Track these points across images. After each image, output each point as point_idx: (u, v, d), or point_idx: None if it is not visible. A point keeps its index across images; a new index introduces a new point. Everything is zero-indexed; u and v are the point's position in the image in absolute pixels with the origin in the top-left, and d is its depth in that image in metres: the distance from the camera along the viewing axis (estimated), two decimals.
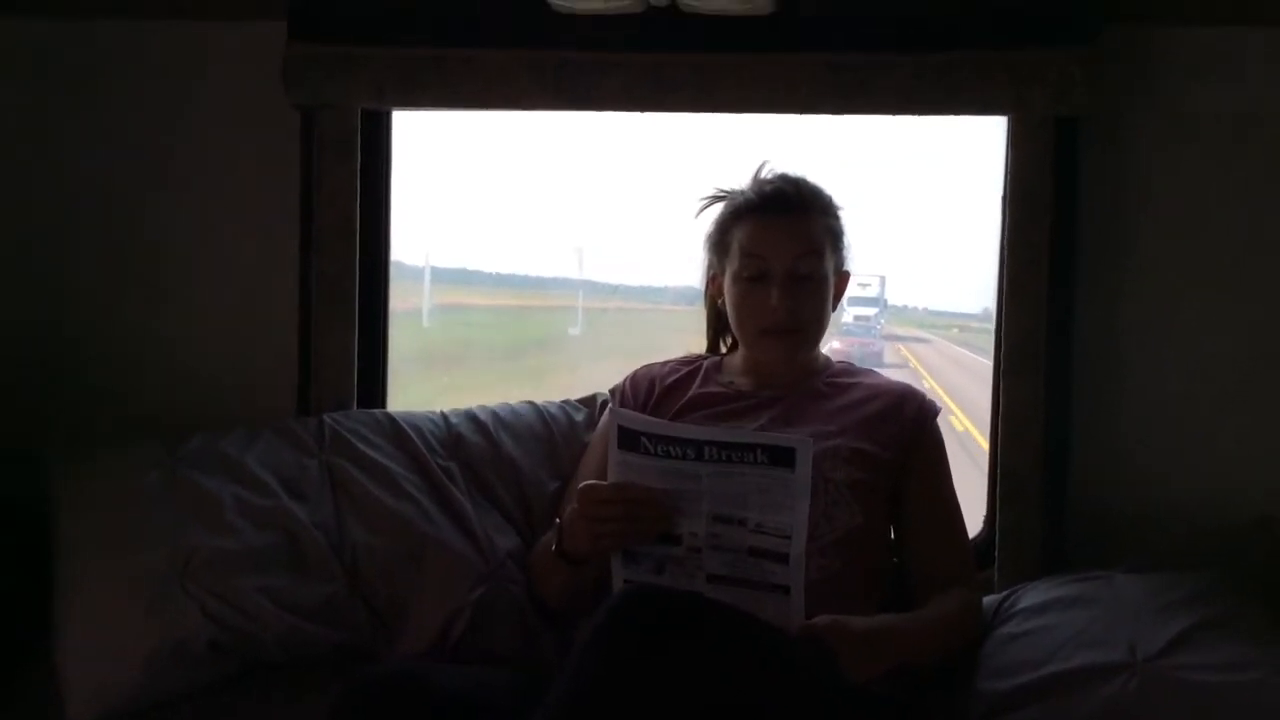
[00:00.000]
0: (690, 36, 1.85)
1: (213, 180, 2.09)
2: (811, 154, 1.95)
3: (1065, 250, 1.88)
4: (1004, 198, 1.92)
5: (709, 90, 1.88)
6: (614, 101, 1.92)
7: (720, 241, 1.80)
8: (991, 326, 2.02)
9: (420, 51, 1.91)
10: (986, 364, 2.05)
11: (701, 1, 1.66)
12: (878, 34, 1.85)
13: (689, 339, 2.00)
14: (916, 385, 1.84)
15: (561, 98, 1.91)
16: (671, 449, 1.45)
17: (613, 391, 1.90)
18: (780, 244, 1.72)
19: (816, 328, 1.78)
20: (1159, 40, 1.90)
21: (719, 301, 1.85)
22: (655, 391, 1.84)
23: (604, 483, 1.52)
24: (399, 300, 2.19)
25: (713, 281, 1.86)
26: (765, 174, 1.81)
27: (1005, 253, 1.91)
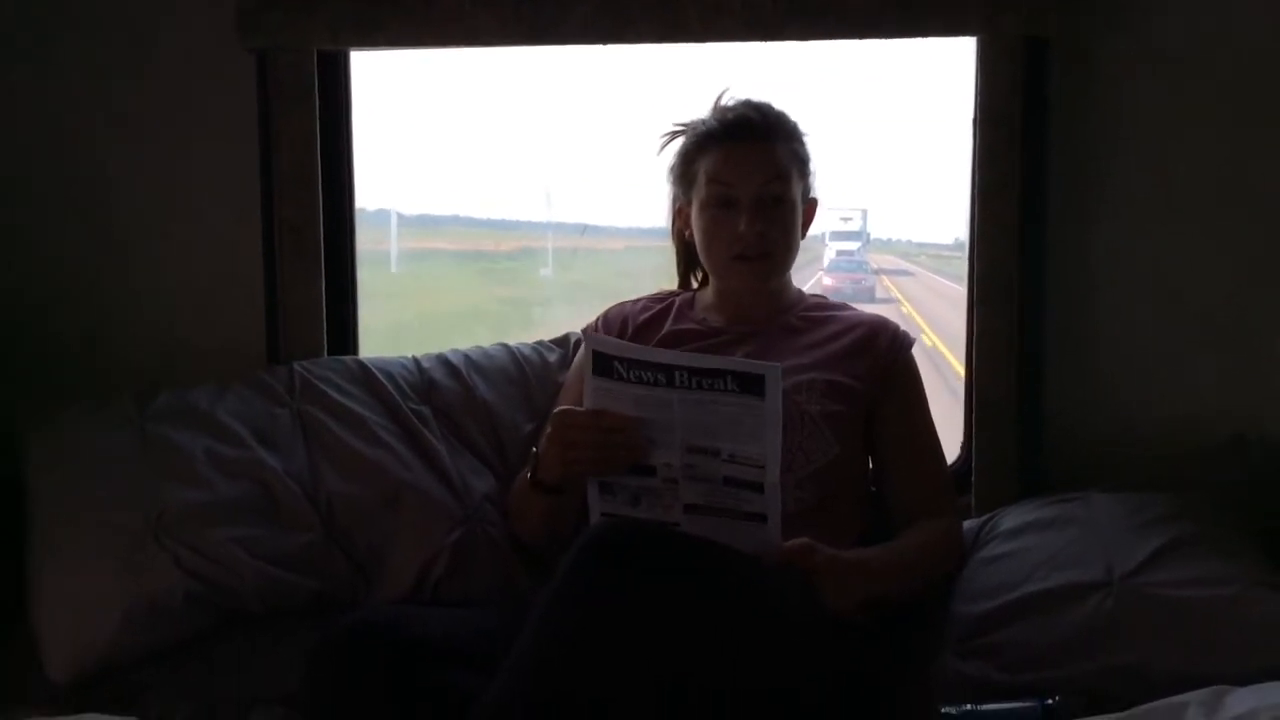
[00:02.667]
0: None
1: (170, 130, 2.05)
2: (791, 91, 1.92)
3: (1036, 175, 1.87)
4: (974, 121, 1.90)
5: (671, 19, 1.85)
6: (576, 35, 1.88)
7: (685, 172, 1.78)
8: (959, 255, 2.01)
9: None
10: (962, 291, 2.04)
11: None
12: None
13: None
14: (895, 317, 1.83)
15: (522, 32, 1.87)
16: (644, 374, 1.45)
17: (585, 331, 1.89)
18: (746, 170, 1.70)
19: (785, 253, 1.77)
20: None
21: (686, 234, 1.83)
22: (629, 330, 1.83)
23: (579, 409, 1.52)
24: (366, 245, 2.16)
25: (679, 214, 1.83)
26: (726, 101, 1.78)
27: (976, 177, 1.90)
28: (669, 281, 1.94)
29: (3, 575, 1.68)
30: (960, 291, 2.09)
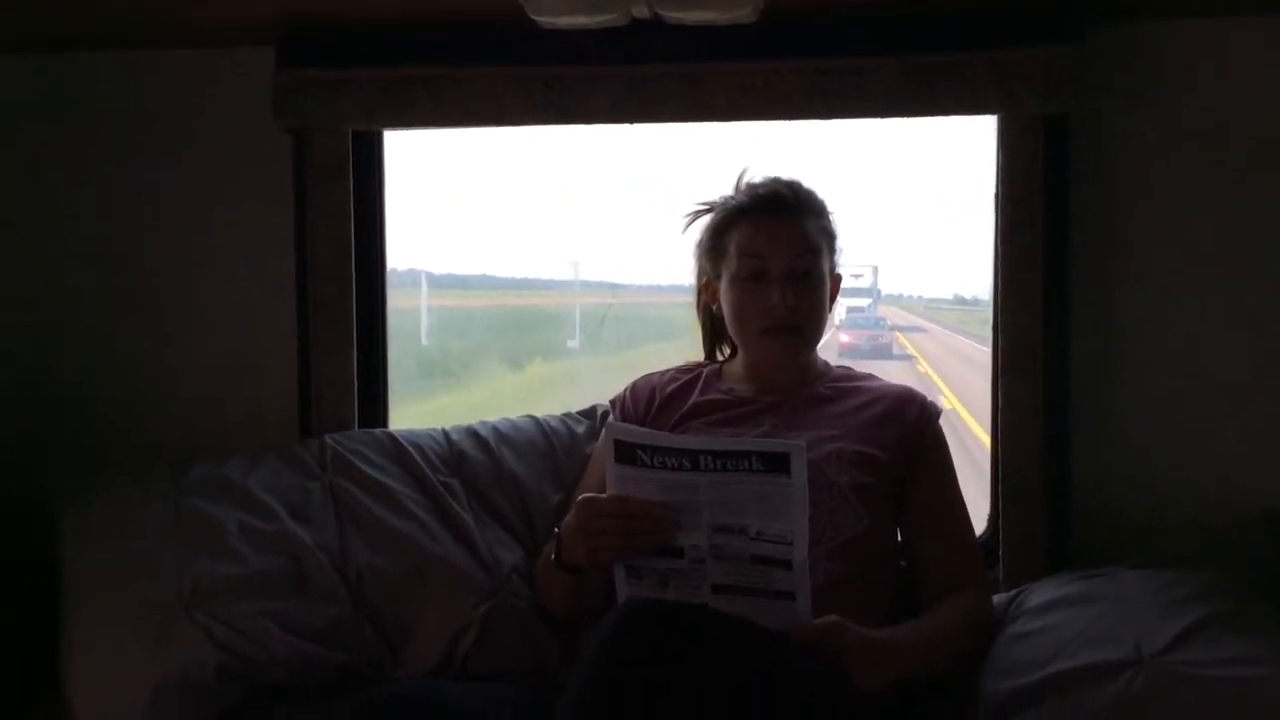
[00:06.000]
0: (677, 47, 1.84)
1: (207, 206, 2.10)
2: (804, 151, 1.94)
3: (1058, 249, 1.88)
4: (996, 197, 1.92)
5: (697, 100, 1.88)
6: (603, 115, 1.92)
7: (715, 246, 1.80)
8: (961, 309, 2.02)
9: (408, 72, 1.91)
10: (976, 346, 2.05)
11: (685, 13, 1.66)
12: (864, 38, 1.85)
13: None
14: (920, 386, 1.83)
15: (550, 113, 1.91)
16: (668, 460, 1.45)
17: (613, 402, 1.90)
18: (778, 244, 1.73)
19: (815, 327, 1.79)
20: (1144, 36, 1.89)
21: (714, 308, 1.85)
22: (656, 401, 1.84)
23: (602, 495, 1.53)
24: (394, 300, 2.20)
25: (706, 288, 1.86)
26: (750, 179, 1.82)
27: (999, 252, 1.91)
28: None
29: (37, 649, 1.70)
30: (973, 346, 2.09)
